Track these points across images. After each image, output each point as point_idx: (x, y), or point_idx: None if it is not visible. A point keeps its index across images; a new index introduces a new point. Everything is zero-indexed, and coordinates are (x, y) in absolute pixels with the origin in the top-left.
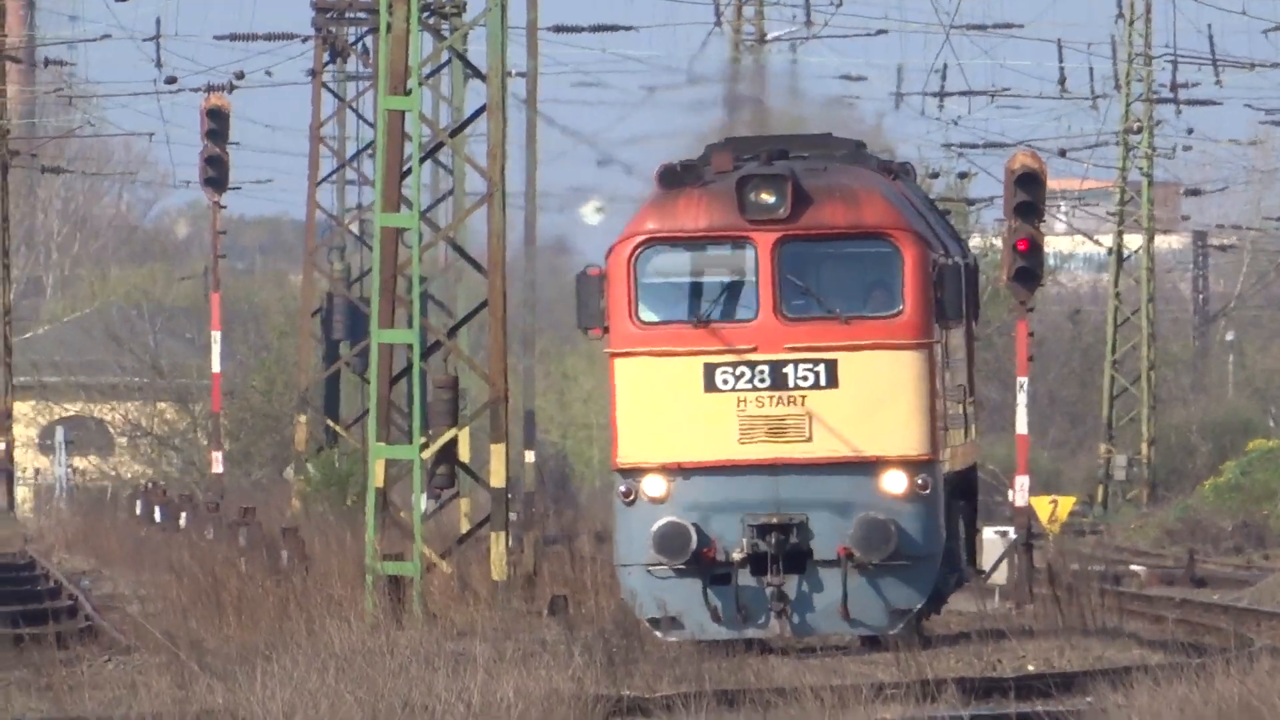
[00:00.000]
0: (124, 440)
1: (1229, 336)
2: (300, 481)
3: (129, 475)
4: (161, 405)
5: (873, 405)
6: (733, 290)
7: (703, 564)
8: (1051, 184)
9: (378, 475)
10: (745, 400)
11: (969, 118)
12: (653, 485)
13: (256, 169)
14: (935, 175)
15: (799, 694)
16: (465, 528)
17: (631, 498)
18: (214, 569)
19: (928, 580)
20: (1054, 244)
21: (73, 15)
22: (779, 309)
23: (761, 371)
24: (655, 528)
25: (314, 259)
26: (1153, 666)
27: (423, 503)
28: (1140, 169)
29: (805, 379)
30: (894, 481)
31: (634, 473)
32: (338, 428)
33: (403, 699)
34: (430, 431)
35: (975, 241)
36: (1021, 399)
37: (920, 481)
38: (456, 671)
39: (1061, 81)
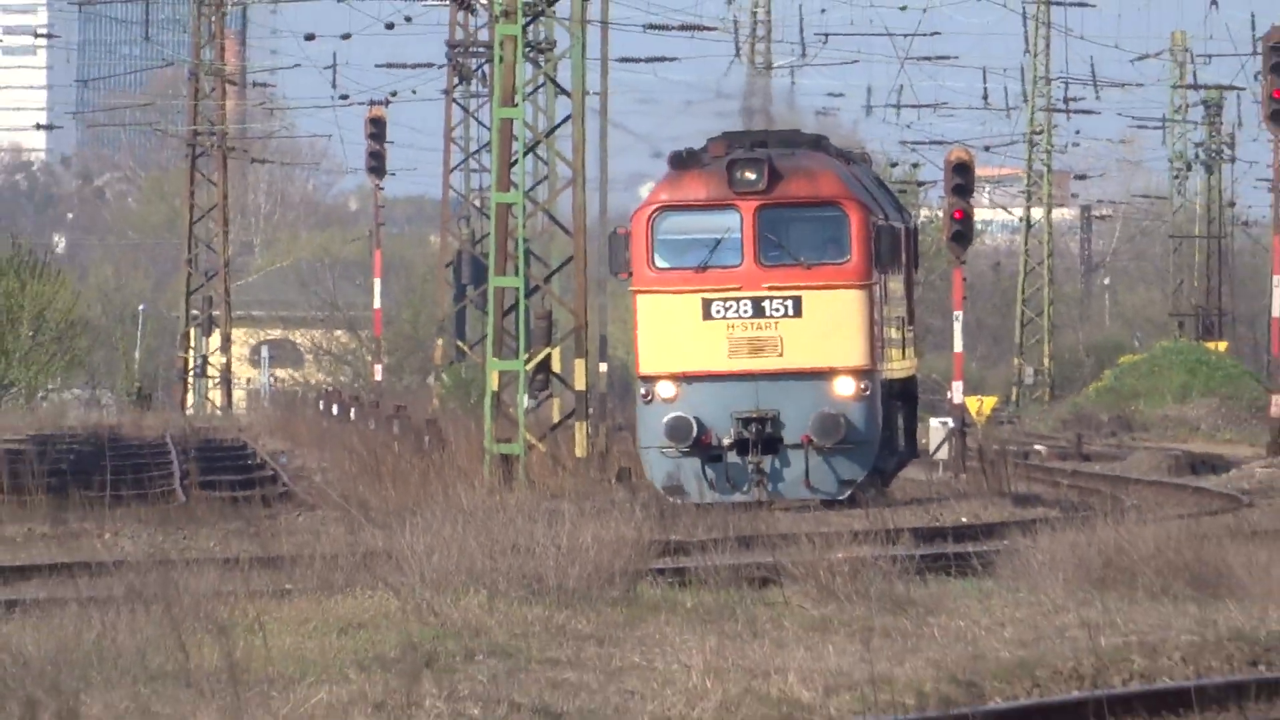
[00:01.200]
0: (310, 357)
1: (1106, 281)
2: (438, 386)
3: (314, 382)
4: (337, 332)
5: (828, 329)
6: (724, 244)
7: (701, 447)
8: (979, 171)
9: (493, 381)
10: (733, 326)
11: (919, 123)
12: (664, 389)
13: (406, 161)
14: (895, 165)
15: (796, 538)
16: (556, 419)
17: (649, 398)
18: (375, 449)
19: (868, 458)
20: (980, 215)
21: (273, 50)
22: (758, 258)
23: (745, 304)
24: (666, 420)
25: (448, 226)
26: (1051, 518)
27: (525, 401)
28: (1041, 160)
29: (778, 310)
30: (843, 386)
31: (651, 379)
32: (465, 347)
33: (511, 543)
34: (531, 350)
35: (924, 213)
36: (957, 327)
37: (863, 386)
38: (550, 523)
39: (985, 97)
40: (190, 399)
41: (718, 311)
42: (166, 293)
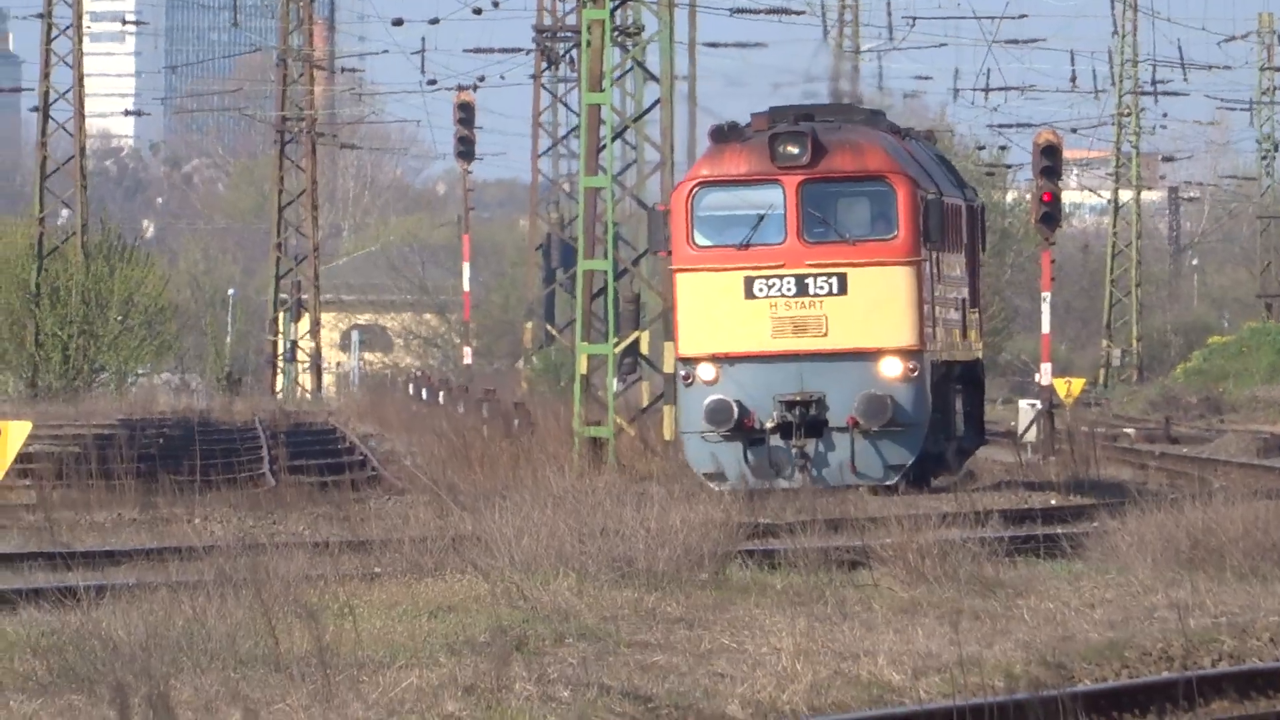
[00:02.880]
0: (400, 341)
1: (1194, 262)
2: (527, 370)
3: (403, 365)
4: (427, 315)
5: (874, 308)
6: (766, 220)
7: (743, 431)
8: (1067, 153)
9: (582, 365)
10: (776, 305)
11: (1006, 106)
12: (705, 371)
13: (494, 145)
14: (982, 148)
15: (885, 520)
16: (645, 402)
17: (690, 380)
18: (464, 433)
19: (916, 442)
20: (1068, 197)
21: (361, 36)
22: (802, 234)
23: (789, 282)
24: (706, 403)
25: (537, 210)
26: (1139, 500)
27: (614, 384)
28: (1130, 142)
29: (822, 288)
30: (890, 366)
31: (691, 361)
32: (554, 331)
33: (600, 526)
34: (620, 333)
35: (1012, 196)
36: (1045, 309)
37: (911, 366)
38: (639, 506)
39: (1073, 80)
40: (280, 383)
41: (760, 290)
42: (256, 277)
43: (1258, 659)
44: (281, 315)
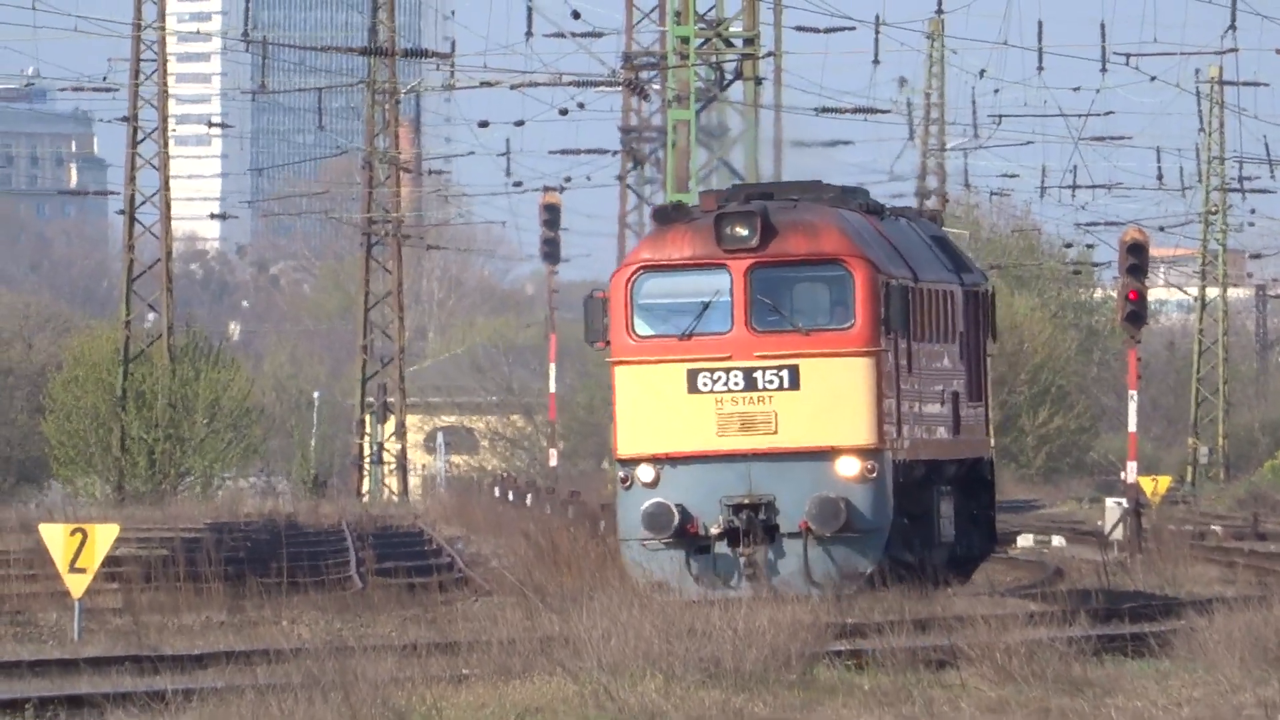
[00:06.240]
0: (486, 442)
1: None
2: (613, 471)
3: (489, 467)
4: (513, 416)
5: (829, 403)
6: (712, 308)
7: (686, 538)
8: (1153, 251)
9: None
10: (722, 400)
11: (1093, 204)
12: (644, 472)
13: (580, 246)
14: (1069, 245)
15: (972, 619)
16: None
17: (628, 483)
18: (551, 534)
19: (876, 550)
20: (1154, 294)
21: (447, 137)
22: (750, 323)
23: (735, 376)
24: (644, 507)
25: None
26: (1227, 598)
27: None
28: (1216, 239)
29: (772, 382)
30: (847, 466)
31: (631, 462)
32: None
33: (687, 626)
34: None
35: (1099, 293)
36: (1132, 406)
37: (869, 466)
38: (726, 606)
39: (1159, 177)
40: (366, 486)
41: (704, 384)
42: (341, 379)
43: None
44: (368, 417)
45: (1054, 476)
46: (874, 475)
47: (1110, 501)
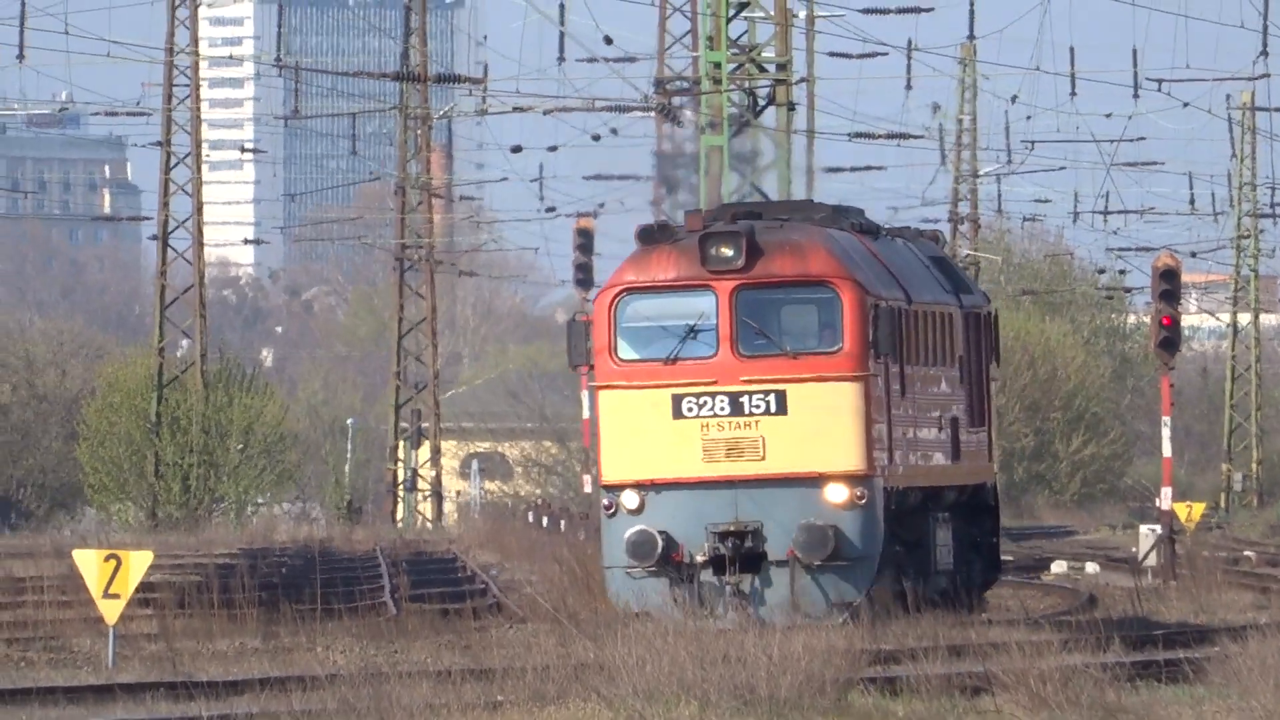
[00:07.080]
0: (520, 469)
1: None
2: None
3: (523, 494)
4: (546, 443)
5: (817, 428)
6: (697, 331)
7: (670, 565)
8: (1185, 277)
9: None
10: (708, 425)
11: (1125, 229)
12: (629, 499)
13: (612, 272)
14: (1102, 271)
15: (1007, 646)
16: None
17: (612, 510)
18: (585, 561)
19: (865, 578)
20: (1187, 320)
21: (480, 163)
22: (736, 346)
23: (721, 400)
24: (628, 535)
25: None
26: (1261, 624)
27: None
28: (1249, 265)
29: (759, 406)
30: (835, 493)
31: (615, 489)
32: None
33: (722, 653)
34: None
35: (1131, 319)
36: (1166, 432)
37: (858, 493)
38: (761, 632)
39: (1191, 202)
40: (400, 512)
41: (689, 409)
42: (375, 405)
43: None
44: (401, 444)
45: (1088, 503)
46: (863, 502)
47: (1144, 528)
